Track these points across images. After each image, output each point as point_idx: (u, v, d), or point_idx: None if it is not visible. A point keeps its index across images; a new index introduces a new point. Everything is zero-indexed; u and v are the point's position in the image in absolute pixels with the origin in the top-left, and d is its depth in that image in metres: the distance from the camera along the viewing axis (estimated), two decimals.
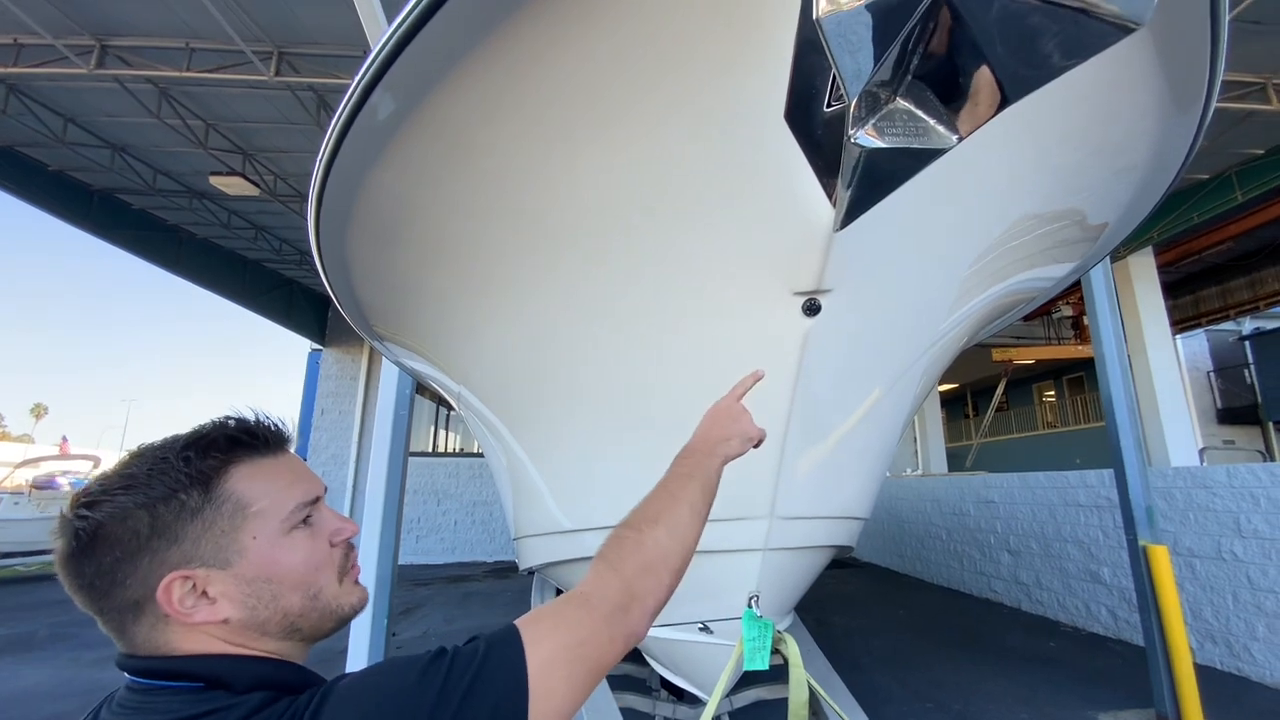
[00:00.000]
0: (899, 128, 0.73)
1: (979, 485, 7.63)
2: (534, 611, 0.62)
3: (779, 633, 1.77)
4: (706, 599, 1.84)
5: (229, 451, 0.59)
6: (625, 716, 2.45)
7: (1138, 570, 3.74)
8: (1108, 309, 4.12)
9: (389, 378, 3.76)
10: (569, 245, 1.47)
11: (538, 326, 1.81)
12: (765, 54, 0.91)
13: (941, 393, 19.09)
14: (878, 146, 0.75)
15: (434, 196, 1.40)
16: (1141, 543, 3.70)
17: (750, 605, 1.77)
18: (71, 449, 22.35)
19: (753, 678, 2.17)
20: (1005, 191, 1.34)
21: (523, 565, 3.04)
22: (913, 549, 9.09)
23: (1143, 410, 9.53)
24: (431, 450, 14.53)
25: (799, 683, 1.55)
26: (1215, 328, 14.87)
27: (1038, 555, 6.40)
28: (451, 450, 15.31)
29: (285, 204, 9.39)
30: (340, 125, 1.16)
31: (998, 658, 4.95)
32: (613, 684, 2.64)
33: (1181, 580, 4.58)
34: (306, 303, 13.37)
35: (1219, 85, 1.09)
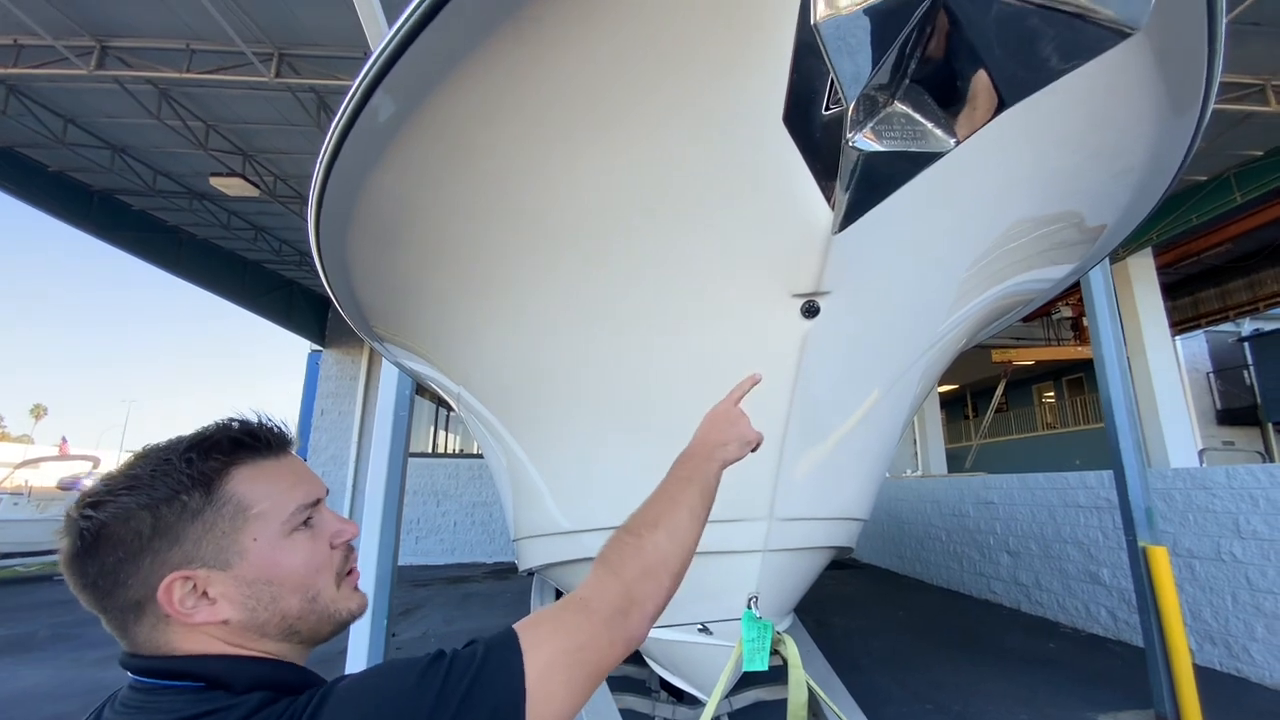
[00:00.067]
0: (896, 131, 0.73)
1: (978, 486, 7.63)
2: (533, 615, 0.62)
3: (778, 634, 1.77)
4: (706, 600, 1.84)
5: (231, 453, 0.60)
6: (625, 717, 2.45)
7: (1137, 571, 3.74)
8: (1107, 310, 4.12)
9: (389, 378, 3.77)
10: (569, 246, 1.47)
11: (537, 327, 1.81)
12: (765, 57, 0.91)
13: (941, 394, 19.09)
14: (876, 150, 0.76)
15: (434, 198, 1.40)
16: (1141, 544, 3.71)
17: (750, 606, 1.77)
18: (71, 449, 22.33)
19: (752, 679, 2.17)
20: (1002, 194, 1.35)
21: (522, 566, 3.04)
22: (912, 550, 9.09)
23: (1142, 411, 9.53)
24: (431, 451, 14.53)
25: (798, 683, 1.56)
26: (1214, 329, 14.88)
27: (1037, 556, 6.40)
28: (451, 451, 15.30)
29: (285, 205, 9.39)
30: (340, 127, 1.17)
31: (997, 659, 4.95)
32: (612, 685, 2.64)
33: (1181, 581, 4.58)
34: (306, 303, 13.37)
35: (1216, 88, 1.09)
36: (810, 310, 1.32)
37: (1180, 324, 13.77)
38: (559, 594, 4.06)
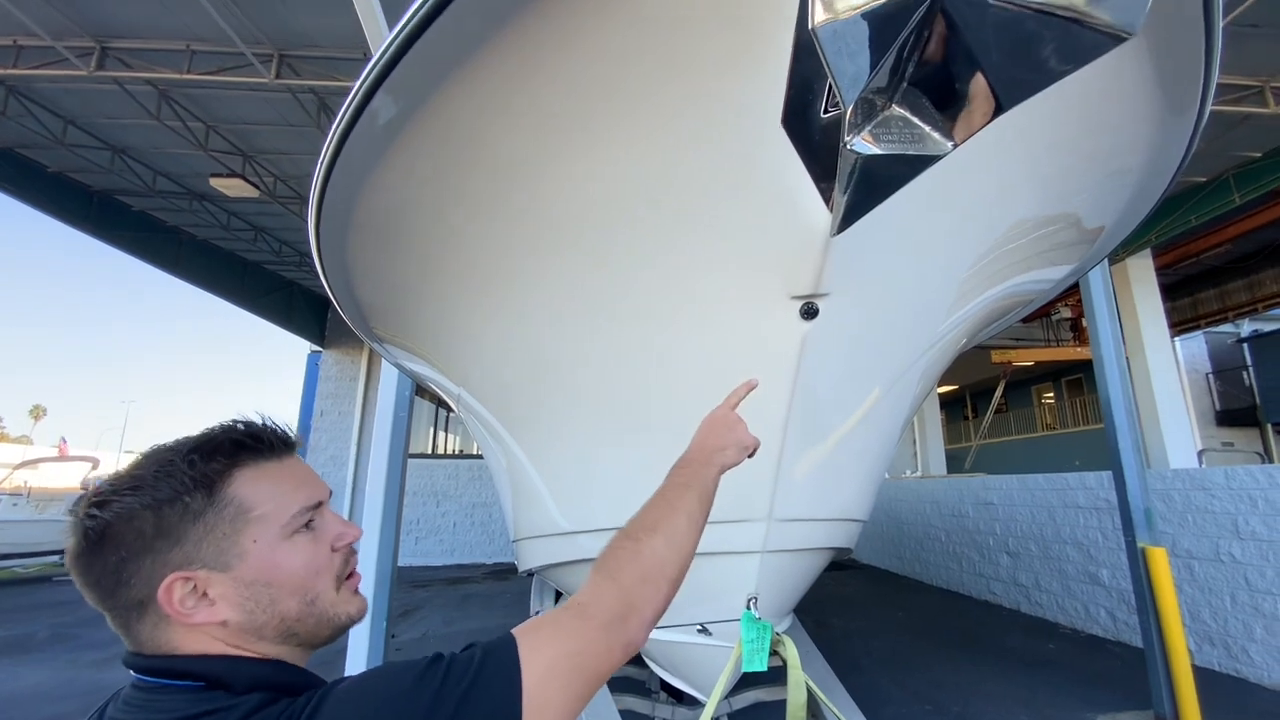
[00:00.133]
0: (894, 135, 0.74)
1: (978, 487, 7.63)
2: (531, 621, 0.63)
3: (778, 634, 1.78)
4: (705, 601, 1.85)
5: (233, 455, 0.60)
6: (624, 718, 2.45)
7: (1136, 572, 3.74)
8: (1106, 311, 4.13)
9: (388, 379, 3.77)
10: (568, 248, 1.48)
11: (537, 328, 1.82)
12: (766, 59, 0.92)
13: (940, 394, 19.10)
14: (874, 153, 0.76)
15: (435, 200, 1.40)
16: (1140, 545, 3.71)
17: (749, 607, 1.77)
18: (70, 450, 22.32)
19: (751, 679, 2.17)
20: (1001, 196, 1.35)
21: (522, 567, 3.04)
22: (912, 551, 9.09)
23: (1141, 412, 9.54)
24: (431, 452, 14.53)
25: (797, 684, 1.56)
26: (1213, 330, 14.89)
27: (1037, 557, 6.40)
28: (451, 452, 15.30)
29: (285, 206, 9.40)
30: (341, 129, 1.17)
31: (997, 659, 4.95)
32: (612, 686, 2.65)
33: (1180, 582, 4.59)
34: (306, 304, 13.37)
35: (1213, 91, 1.10)
36: (809, 312, 1.32)
37: (1179, 325, 13.78)
38: (559, 595, 4.06)
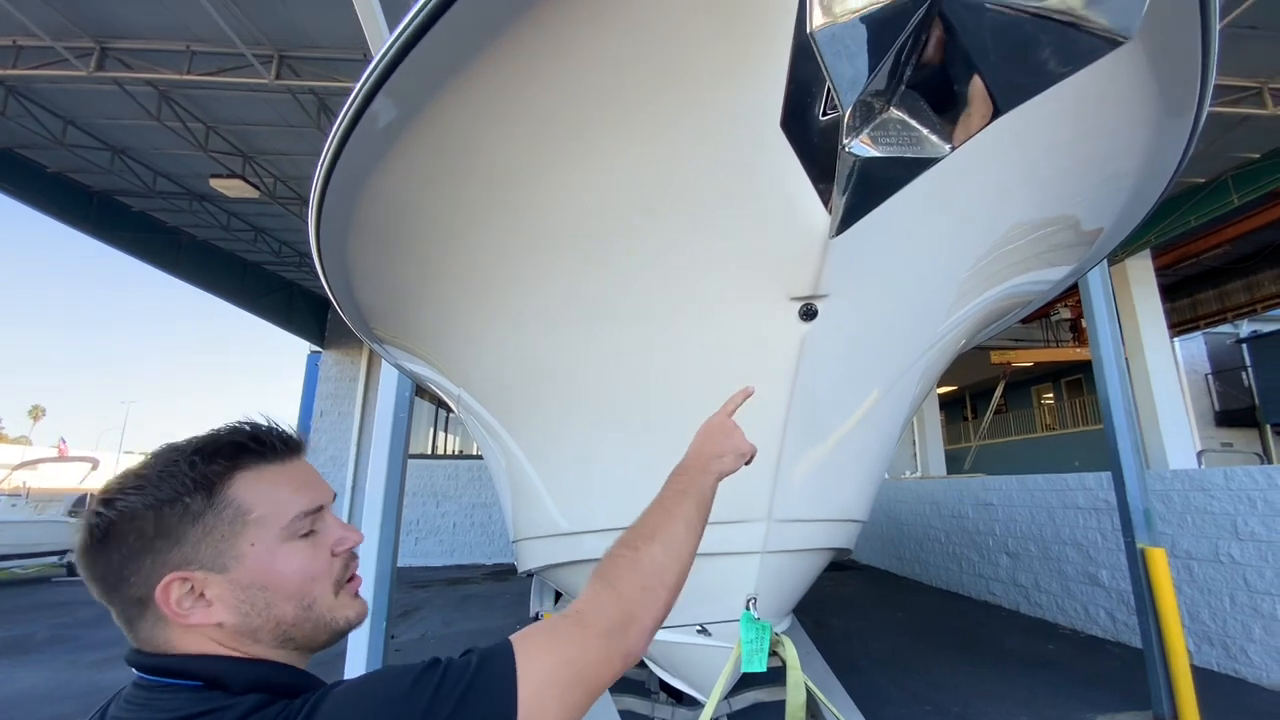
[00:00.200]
0: (892, 137, 0.74)
1: (977, 488, 7.64)
2: (529, 628, 0.62)
3: (777, 635, 1.78)
4: (705, 601, 1.85)
5: (234, 458, 0.60)
6: (624, 718, 2.46)
7: (1135, 573, 3.75)
8: (1105, 312, 4.13)
9: (388, 380, 3.78)
10: (569, 250, 1.48)
11: (537, 329, 1.82)
12: (765, 63, 0.92)
13: (940, 395, 19.11)
14: (872, 156, 0.77)
15: (435, 201, 1.41)
16: (1139, 545, 3.72)
17: (748, 607, 1.77)
18: (70, 451, 22.31)
19: (751, 680, 2.17)
20: (999, 198, 1.36)
21: (522, 568, 3.04)
22: (911, 551, 9.10)
23: (1141, 413, 9.55)
24: (431, 452, 14.53)
25: (796, 684, 1.56)
26: (1213, 330, 14.91)
27: (1036, 558, 6.41)
28: (451, 452, 15.30)
29: (285, 206, 9.40)
30: (341, 131, 1.17)
31: (996, 660, 4.96)
32: (611, 687, 2.64)
33: (1179, 583, 4.59)
34: (306, 305, 13.38)
35: (1210, 95, 1.10)
36: (808, 313, 1.33)
37: (1178, 325, 13.80)
38: (558, 596, 4.06)
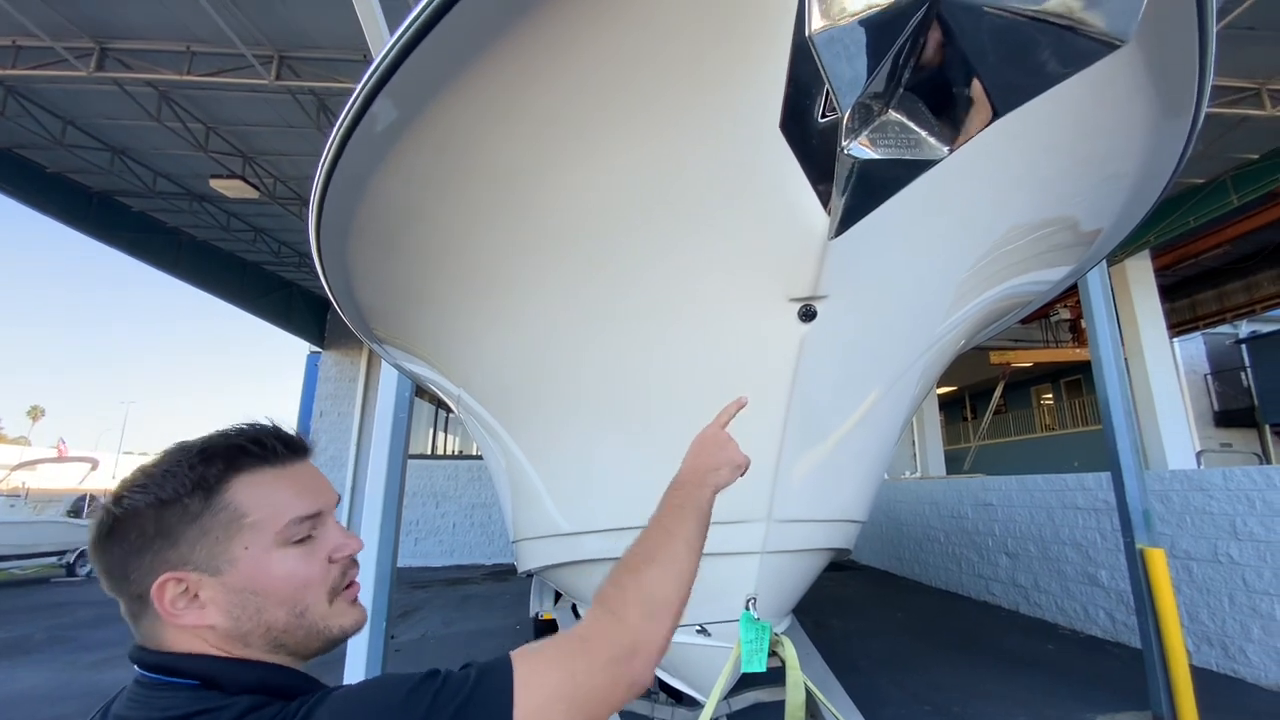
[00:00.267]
0: (891, 139, 0.75)
1: (977, 488, 7.64)
2: (531, 647, 0.60)
3: (776, 635, 1.78)
4: (704, 601, 1.85)
5: (233, 460, 0.60)
6: (624, 718, 2.46)
7: (1135, 573, 3.75)
8: (1105, 312, 4.14)
9: (388, 380, 3.78)
10: (569, 251, 1.48)
11: (537, 330, 1.82)
12: (765, 65, 0.92)
13: (939, 395, 19.12)
14: (870, 157, 0.77)
15: (436, 202, 1.41)
16: (1138, 545, 3.72)
17: (748, 608, 1.78)
18: (69, 451, 22.29)
19: (751, 680, 2.17)
20: (997, 200, 1.36)
21: (521, 568, 3.04)
22: (911, 552, 9.10)
23: (1140, 413, 9.55)
24: (430, 453, 14.52)
25: (796, 684, 1.57)
26: (1212, 331, 14.92)
27: (1036, 558, 6.41)
28: (450, 453, 15.29)
29: (285, 207, 9.40)
30: (342, 132, 1.18)
31: (996, 660, 4.96)
32: None
33: (1178, 583, 4.60)
34: (306, 305, 13.37)
35: (1207, 97, 1.10)
36: (807, 314, 1.33)
37: (1178, 326, 13.80)
38: (558, 596, 4.06)
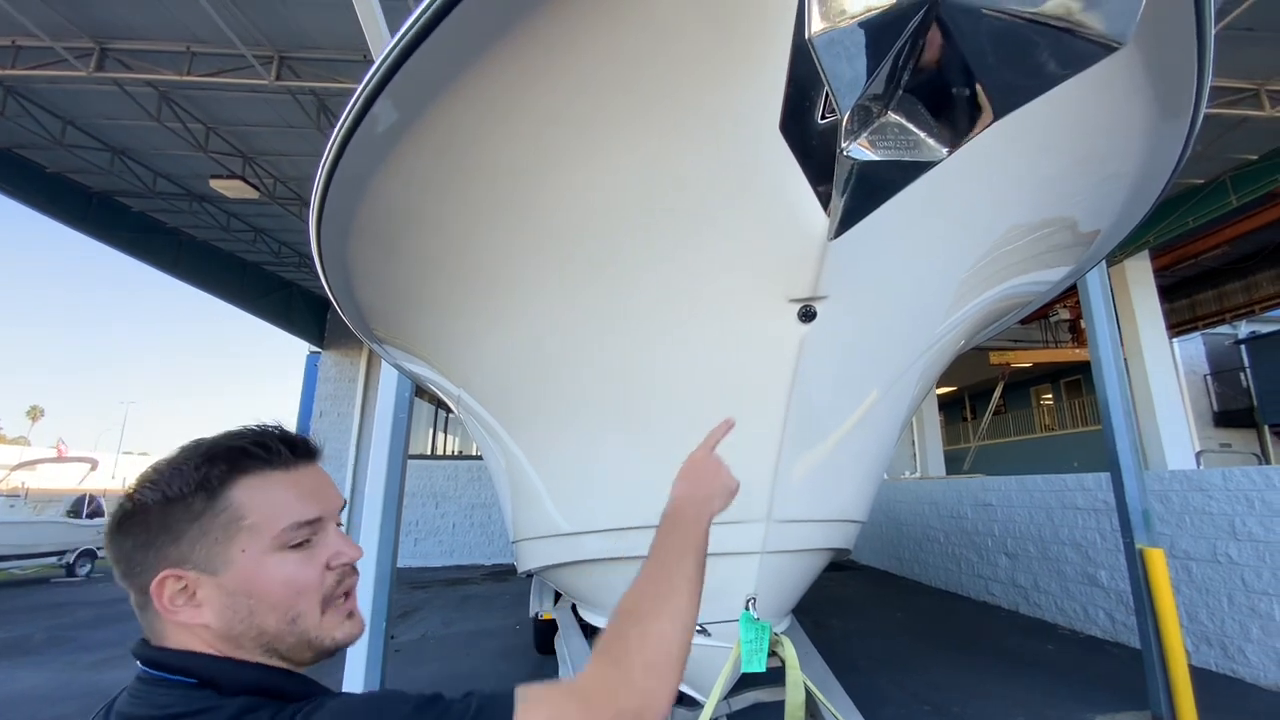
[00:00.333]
0: (890, 140, 0.75)
1: (977, 488, 7.65)
2: (532, 693, 0.57)
3: (776, 635, 1.78)
4: (704, 601, 1.84)
5: (236, 462, 0.61)
6: None
7: (1134, 573, 3.75)
8: (1104, 313, 4.14)
9: (388, 380, 3.78)
10: (570, 251, 1.49)
11: (538, 330, 1.83)
12: (765, 67, 0.93)
13: (939, 395, 19.12)
14: (870, 159, 0.78)
15: (437, 203, 1.41)
16: (1138, 546, 3.72)
17: (748, 608, 1.78)
18: (68, 451, 22.28)
19: (750, 680, 2.17)
20: (997, 200, 1.36)
21: (521, 568, 3.04)
22: (910, 552, 9.11)
23: (1139, 413, 9.56)
24: (430, 453, 14.52)
25: (795, 684, 1.57)
26: (1211, 331, 14.93)
27: (1035, 558, 6.42)
28: (450, 453, 15.29)
29: (285, 207, 9.41)
30: (343, 133, 1.18)
31: (995, 660, 4.96)
32: None
33: (1177, 583, 4.60)
34: (305, 305, 13.38)
35: (1205, 99, 1.11)
36: (807, 314, 1.33)
37: (1177, 326, 13.82)
38: (558, 596, 4.06)
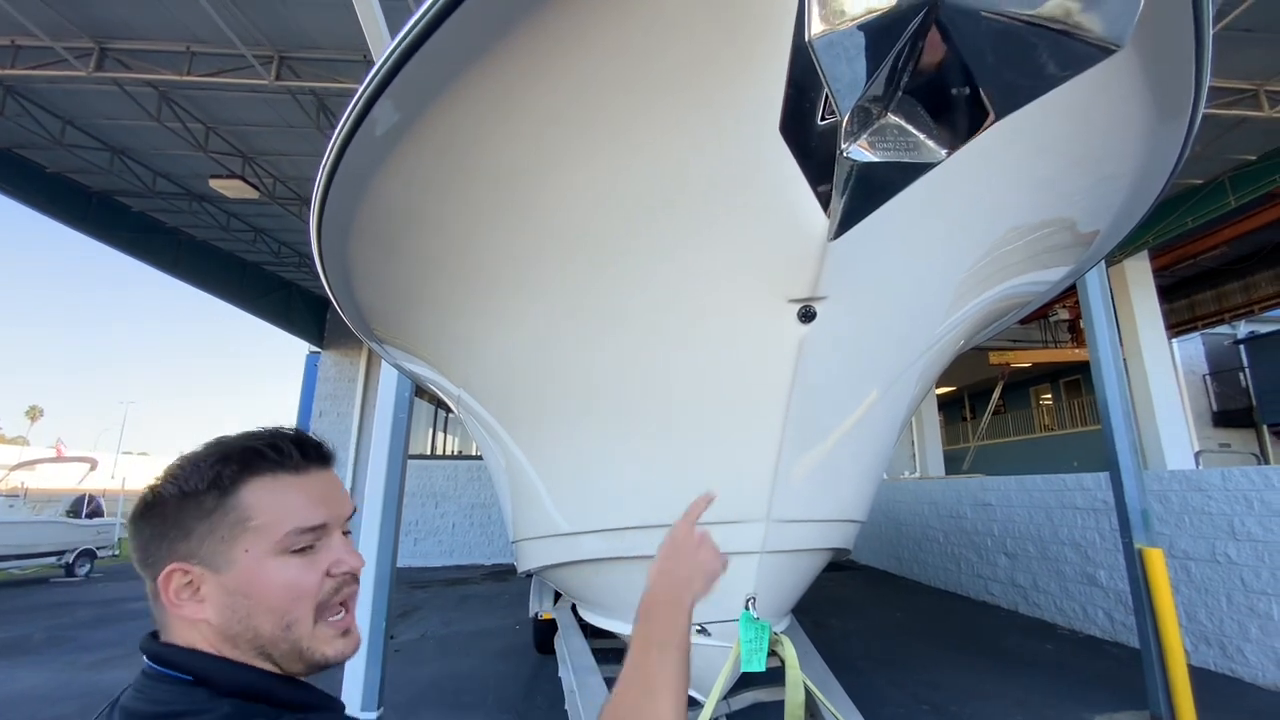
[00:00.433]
0: (889, 142, 0.75)
1: (976, 488, 7.66)
2: None
3: (776, 634, 1.78)
4: (703, 601, 1.85)
5: (249, 463, 0.61)
6: None
7: (1133, 573, 3.76)
8: (1103, 313, 4.15)
9: (388, 380, 3.78)
10: (570, 252, 1.49)
11: (538, 330, 1.83)
12: (766, 69, 0.93)
13: (939, 395, 19.13)
14: (870, 160, 0.78)
15: (437, 203, 1.42)
16: (1137, 545, 3.73)
17: (747, 607, 1.78)
18: (67, 451, 22.26)
19: (750, 679, 2.18)
20: (996, 201, 1.37)
21: (521, 568, 3.05)
22: (910, 552, 9.11)
23: (1139, 413, 9.57)
24: (430, 453, 14.52)
25: (795, 684, 1.57)
26: (1210, 331, 14.95)
27: (1035, 558, 6.42)
28: (450, 453, 15.29)
29: (284, 207, 9.40)
30: (344, 134, 1.18)
31: (995, 660, 4.97)
32: (610, 686, 2.65)
33: (1176, 583, 4.61)
34: (305, 305, 13.37)
35: (1204, 100, 1.11)
36: (807, 315, 1.34)
37: (1176, 326, 13.83)
38: (558, 596, 4.06)
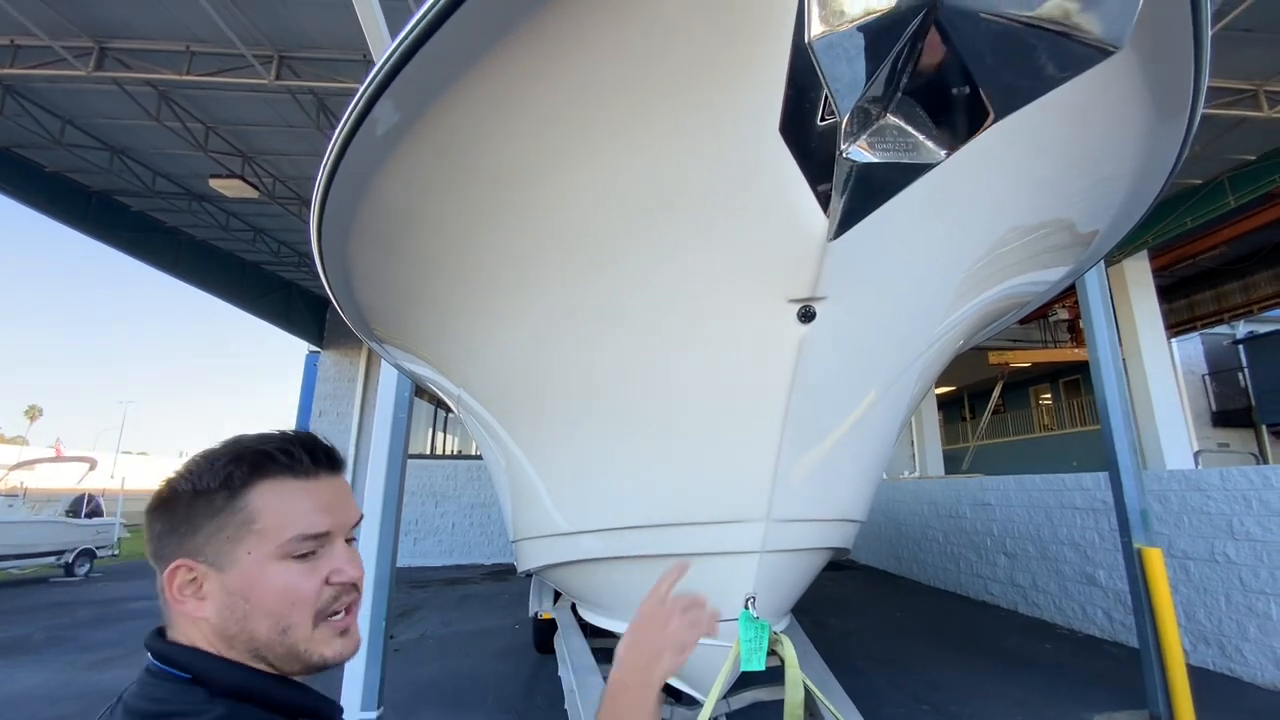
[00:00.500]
0: (889, 142, 0.76)
1: (975, 488, 7.66)
2: None
3: (775, 634, 1.79)
4: (704, 602, 1.85)
5: (260, 465, 0.62)
6: None
7: (1132, 572, 3.76)
8: (1102, 313, 4.15)
9: (388, 380, 3.78)
10: (570, 253, 1.49)
11: (538, 330, 1.83)
12: (766, 70, 0.93)
13: (938, 395, 19.15)
14: (869, 160, 0.78)
15: (437, 203, 1.42)
16: (1136, 545, 3.73)
17: (747, 607, 1.78)
18: (66, 451, 22.26)
19: (750, 679, 2.18)
20: (996, 201, 1.37)
21: (521, 568, 3.05)
22: (909, 551, 9.12)
23: (1138, 413, 9.58)
24: (430, 452, 14.53)
25: (795, 683, 1.57)
26: (1209, 331, 14.97)
27: (1034, 558, 6.43)
28: (450, 452, 15.30)
29: (284, 206, 9.40)
30: (344, 134, 1.18)
31: (994, 660, 4.98)
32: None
33: (1176, 582, 4.62)
34: (305, 305, 13.37)
35: (1202, 101, 1.12)
36: (806, 315, 1.34)
37: (1176, 326, 13.85)
38: (558, 596, 4.07)
